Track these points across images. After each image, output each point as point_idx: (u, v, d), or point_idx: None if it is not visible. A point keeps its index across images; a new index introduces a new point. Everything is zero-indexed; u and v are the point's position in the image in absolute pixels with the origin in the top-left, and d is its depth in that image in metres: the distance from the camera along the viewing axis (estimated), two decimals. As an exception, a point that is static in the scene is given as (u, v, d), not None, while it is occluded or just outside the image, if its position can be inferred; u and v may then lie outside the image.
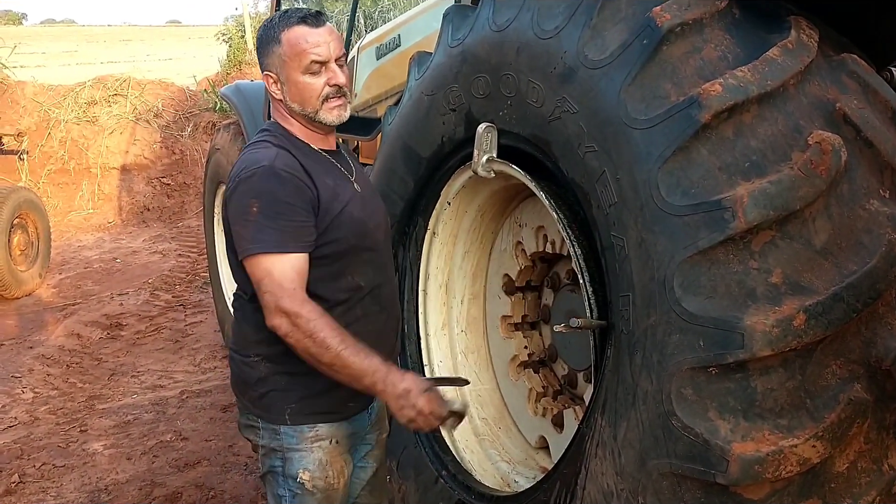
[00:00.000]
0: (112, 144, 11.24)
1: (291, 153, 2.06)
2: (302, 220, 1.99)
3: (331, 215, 2.04)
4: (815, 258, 1.71)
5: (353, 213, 2.08)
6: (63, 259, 8.96)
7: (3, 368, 5.65)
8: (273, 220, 1.96)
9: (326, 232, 2.03)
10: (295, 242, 1.98)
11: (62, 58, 20.60)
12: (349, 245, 2.07)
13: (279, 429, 2.14)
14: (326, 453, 2.15)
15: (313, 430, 2.13)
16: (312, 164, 2.07)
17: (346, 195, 2.09)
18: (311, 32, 2.05)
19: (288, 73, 2.07)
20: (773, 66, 1.78)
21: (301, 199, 1.99)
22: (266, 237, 1.96)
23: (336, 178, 2.11)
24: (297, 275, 1.97)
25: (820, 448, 1.68)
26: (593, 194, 1.97)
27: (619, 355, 1.91)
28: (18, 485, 4.04)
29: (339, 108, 2.10)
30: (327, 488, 2.16)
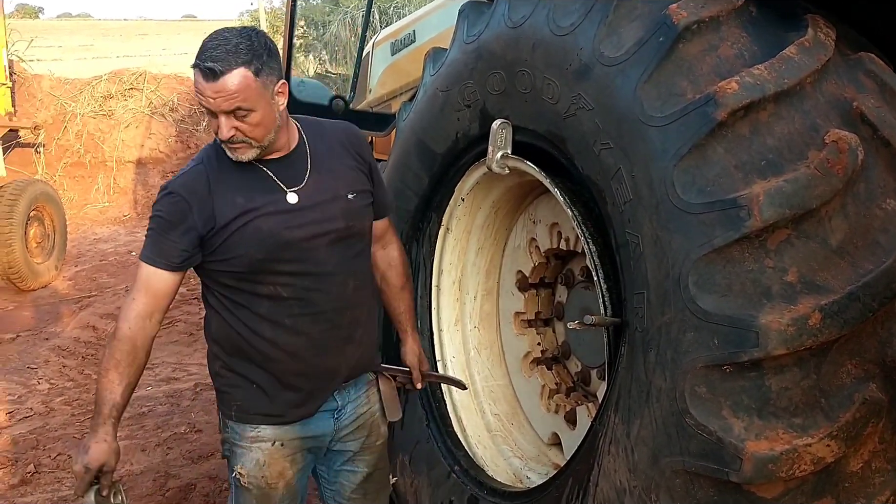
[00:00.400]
0: (128, 138, 11.31)
1: (207, 169, 2.12)
2: (174, 240, 2.08)
3: (229, 231, 2.07)
4: (830, 257, 1.71)
5: (261, 228, 2.08)
6: (79, 251, 9.02)
7: (19, 359, 5.70)
8: (154, 234, 2.11)
9: (228, 247, 2.09)
10: (160, 258, 2.10)
11: (78, 52, 20.70)
12: (255, 259, 2.09)
13: (228, 423, 2.25)
14: (265, 454, 2.21)
15: (255, 430, 2.21)
16: (228, 178, 2.10)
17: (259, 210, 2.09)
18: (205, 85, 1.99)
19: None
20: (790, 65, 1.77)
21: (181, 222, 2.08)
22: (145, 245, 2.13)
23: (253, 193, 2.10)
24: (148, 288, 2.11)
25: (834, 447, 1.68)
26: (608, 191, 1.97)
27: (633, 353, 1.91)
28: (34, 475, 4.07)
29: (235, 150, 2.07)
30: (263, 487, 2.23)
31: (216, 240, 2.08)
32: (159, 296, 2.12)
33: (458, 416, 2.79)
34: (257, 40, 2.00)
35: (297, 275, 2.13)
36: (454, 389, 2.82)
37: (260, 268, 2.10)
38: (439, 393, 2.81)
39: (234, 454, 2.24)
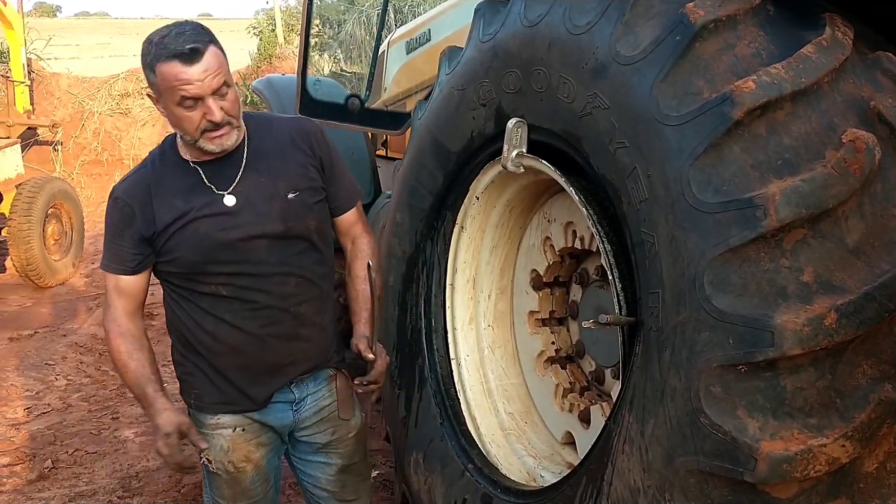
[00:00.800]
0: (144, 136, 11.38)
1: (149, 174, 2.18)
2: (125, 245, 2.17)
3: (168, 234, 2.15)
4: (847, 257, 1.70)
5: (198, 231, 2.13)
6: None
7: (37, 356, 5.76)
8: (109, 242, 2.22)
9: (167, 250, 2.17)
10: (116, 264, 2.20)
11: (96, 50, 20.81)
12: (192, 261, 2.16)
13: (190, 410, 2.33)
14: (228, 440, 2.29)
15: (214, 418, 2.29)
16: (172, 182, 2.16)
17: (195, 213, 2.13)
18: (184, 71, 1.96)
19: (165, 102, 2.04)
20: (808, 64, 1.76)
21: (127, 227, 2.16)
22: (105, 256, 2.23)
23: (191, 196, 2.14)
24: (119, 293, 2.20)
25: (849, 448, 1.67)
26: (624, 190, 1.97)
27: (647, 352, 1.91)
28: (51, 470, 4.11)
29: (219, 137, 2.08)
30: (232, 472, 2.33)
31: (158, 242, 2.16)
32: (132, 296, 2.22)
33: (472, 414, 2.79)
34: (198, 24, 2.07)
35: (235, 275, 2.18)
36: (468, 389, 2.82)
37: (198, 269, 2.17)
38: (453, 391, 2.81)
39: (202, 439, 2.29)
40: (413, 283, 2.87)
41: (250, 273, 2.18)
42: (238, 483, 2.32)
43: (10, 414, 4.84)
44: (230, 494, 2.35)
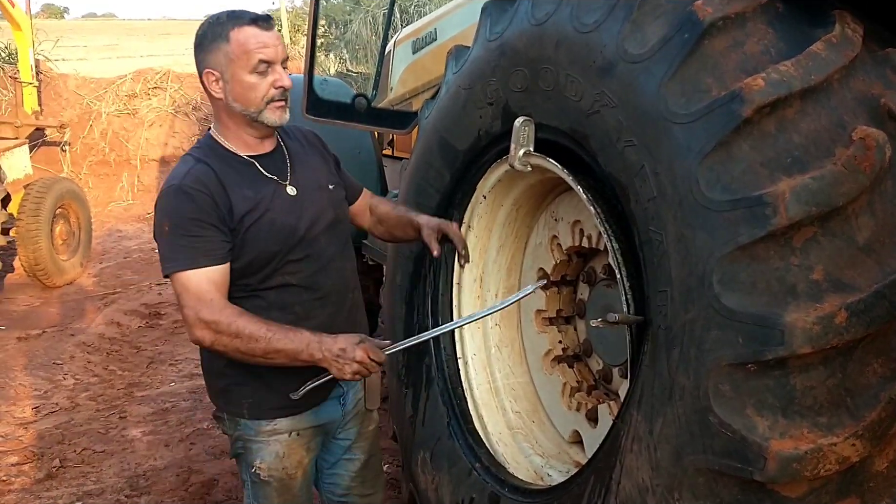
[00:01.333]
0: (151, 136, 11.41)
1: (210, 165, 2.11)
2: (211, 235, 2.05)
3: (245, 226, 2.10)
4: (857, 255, 1.69)
5: (274, 221, 2.13)
6: (103, 249, 9.12)
7: (45, 355, 5.77)
8: (183, 238, 2.04)
9: (245, 243, 2.10)
10: (205, 257, 2.05)
11: (103, 51, 20.85)
12: (271, 252, 2.13)
13: (239, 420, 2.26)
14: (284, 446, 2.26)
15: (271, 424, 2.24)
16: (233, 174, 2.12)
17: (267, 203, 2.13)
18: (261, 34, 2.07)
19: (234, 71, 2.07)
20: (817, 61, 1.75)
21: (209, 214, 2.05)
22: (178, 255, 2.05)
23: (258, 186, 2.15)
24: (213, 286, 2.05)
25: (859, 447, 1.66)
26: (632, 189, 1.96)
27: (655, 351, 1.90)
28: (59, 469, 4.13)
29: (281, 109, 2.14)
30: (284, 478, 2.28)
31: (235, 235, 2.10)
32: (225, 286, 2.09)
33: (479, 413, 2.79)
34: None
35: (304, 261, 2.19)
36: (475, 388, 2.82)
37: (275, 258, 2.14)
38: (460, 390, 2.81)
39: (250, 450, 2.27)
40: (420, 281, 2.86)
41: (317, 260, 2.21)
42: (288, 490, 2.31)
43: (19, 413, 4.86)
44: (279, 503, 2.32)
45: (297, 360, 2.05)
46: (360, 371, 2.05)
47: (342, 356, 2.03)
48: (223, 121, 2.18)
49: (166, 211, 2.08)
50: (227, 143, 2.18)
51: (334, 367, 2.05)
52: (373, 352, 2.05)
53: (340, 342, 2.04)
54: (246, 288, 2.15)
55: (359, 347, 2.04)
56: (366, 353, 2.04)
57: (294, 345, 2.03)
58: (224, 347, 2.04)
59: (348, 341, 2.05)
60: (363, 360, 2.04)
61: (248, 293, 2.15)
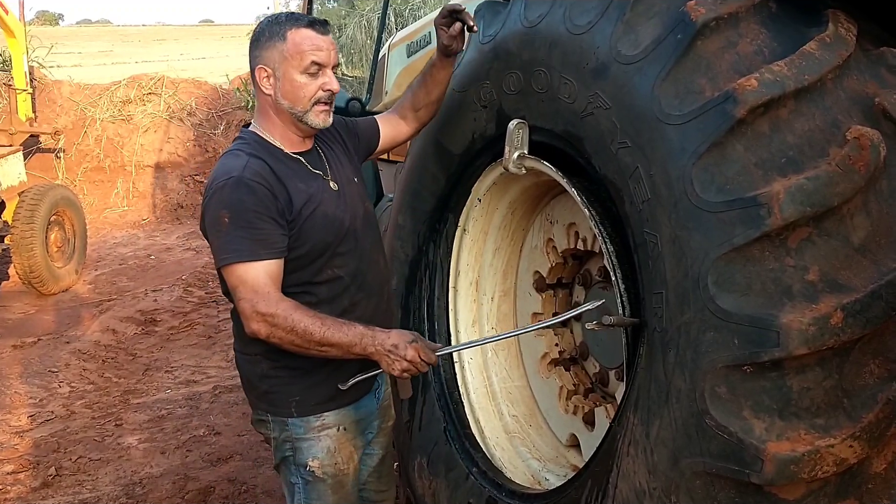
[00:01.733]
0: (146, 142, 11.39)
1: (264, 160, 2.13)
2: (271, 227, 2.07)
3: (303, 218, 2.13)
4: (853, 255, 1.68)
5: (326, 213, 2.18)
6: (99, 255, 9.10)
7: (40, 363, 5.75)
8: (243, 230, 2.05)
9: (301, 235, 2.13)
10: (265, 249, 2.06)
11: (98, 57, 20.87)
12: (325, 244, 2.17)
13: (287, 420, 2.25)
14: (334, 440, 2.26)
15: (320, 419, 2.24)
16: (284, 169, 2.16)
17: (318, 196, 2.18)
18: (317, 37, 2.14)
19: (286, 69, 2.14)
20: (810, 61, 1.75)
21: (269, 208, 2.07)
22: (238, 247, 2.05)
23: (308, 181, 2.19)
24: (271, 279, 2.06)
25: (857, 448, 1.66)
26: (626, 191, 1.95)
27: (651, 353, 1.89)
28: (55, 477, 4.11)
29: (325, 112, 2.19)
30: (337, 474, 2.29)
31: (292, 227, 2.12)
32: (280, 280, 2.09)
33: (476, 417, 2.78)
34: None
35: (351, 254, 2.24)
36: (472, 392, 2.81)
37: (328, 251, 2.18)
38: (457, 395, 2.80)
39: (300, 449, 2.26)
40: (416, 285, 2.86)
41: (360, 253, 2.26)
42: (342, 486, 2.32)
43: (14, 421, 4.84)
44: (334, 501, 2.31)
45: (349, 354, 2.08)
46: (409, 369, 2.08)
47: (394, 352, 2.06)
48: (269, 117, 2.22)
49: (227, 202, 2.07)
50: (272, 140, 2.22)
51: (384, 362, 2.08)
52: (424, 351, 2.08)
53: (394, 338, 2.08)
54: (297, 283, 2.16)
55: (411, 346, 2.07)
56: (417, 352, 2.07)
57: (348, 338, 2.06)
58: (279, 340, 2.05)
59: (402, 338, 2.09)
60: (414, 359, 2.07)
61: (299, 289, 2.15)
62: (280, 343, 2.06)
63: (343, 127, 2.45)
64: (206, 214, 2.12)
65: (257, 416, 2.32)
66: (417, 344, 2.08)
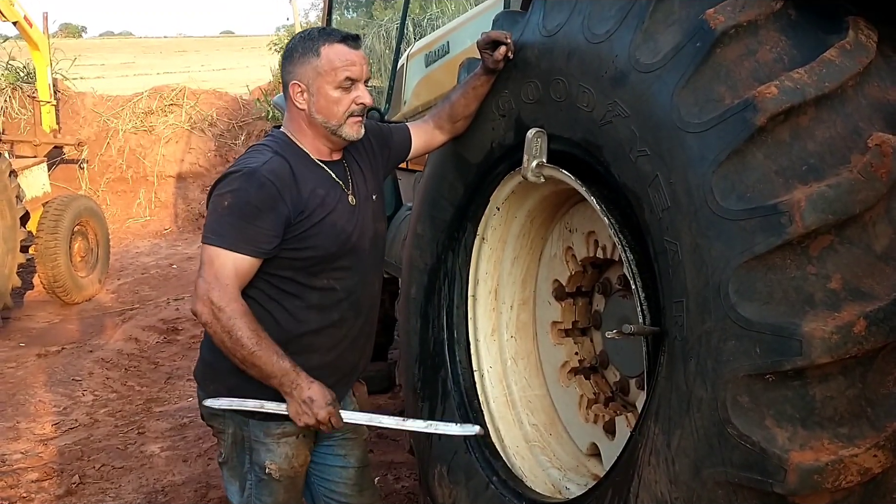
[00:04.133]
0: (168, 153, 11.50)
1: (287, 160, 2.19)
2: (263, 227, 2.10)
3: (312, 221, 2.17)
4: (875, 263, 1.67)
5: (336, 223, 2.22)
6: (121, 265, 9.18)
7: (64, 371, 5.81)
8: (235, 219, 2.09)
9: (305, 237, 2.17)
10: (247, 245, 2.10)
11: (120, 69, 21.11)
12: (327, 251, 2.20)
13: (248, 421, 2.28)
14: (293, 447, 2.31)
15: (280, 427, 2.26)
16: (306, 172, 2.21)
17: (332, 204, 2.22)
18: (350, 52, 2.19)
19: (320, 85, 2.19)
20: (831, 68, 1.74)
21: (271, 209, 2.10)
22: (224, 232, 2.10)
23: (327, 188, 2.24)
24: (237, 274, 2.09)
25: (881, 458, 1.64)
26: (646, 199, 1.95)
27: (672, 362, 1.88)
28: (79, 485, 4.14)
29: (358, 124, 2.25)
30: (292, 476, 2.35)
31: (296, 228, 2.15)
32: (246, 279, 2.14)
33: (496, 426, 2.78)
34: None
35: (350, 270, 2.27)
36: (492, 401, 2.81)
37: (327, 260, 2.21)
38: (476, 403, 2.80)
39: (257, 451, 2.30)
40: (435, 294, 2.86)
41: (360, 270, 2.30)
42: (295, 486, 2.39)
43: (38, 430, 4.89)
44: (285, 499, 2.38)
45: (265, 381, 2.13)
46: (314, 426, 2.16)
47: (308, 405, 2.12)
48: (301, 128, 2.26)
49: (233, 189, 2.12)
50: (302, 145, 2.26)
51: (294, 408, 2.14)
52: (335, 417, 2.15)
53: (314, 391, 2.13)
54: (293, 284, 2.20)
55: (326, 408, 2.13)
56: (329, 416, 2.14)
57: (271, 368, 2.10)
58: (213, 333, 2.10)
59: (321, 395, 2.13)
60: (323, 420, 2.14)
61: (293, 289, 2.20)
62: (212, 336, 2.11)
63: (377, 134, 2.48)
64: (212, 193, 2.18)
65: (212, 410, 2.29)
66: (332, 408, 2.14)
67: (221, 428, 2.35)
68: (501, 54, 2.35)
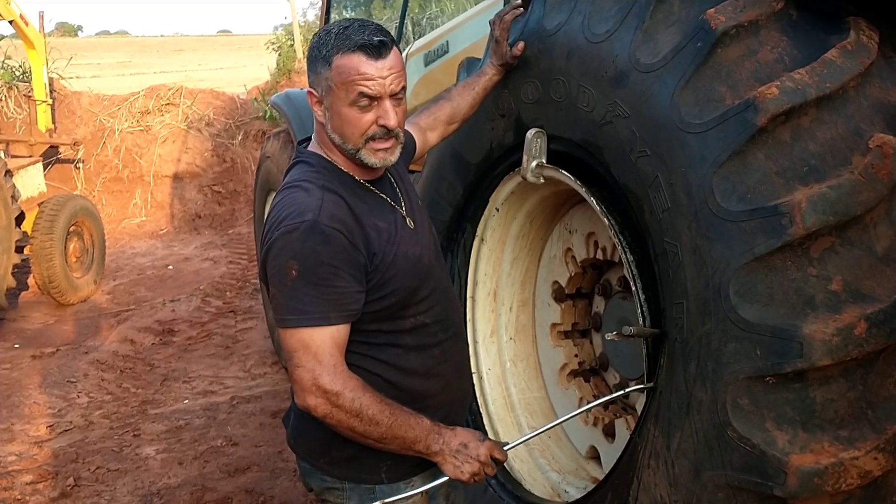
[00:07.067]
0: (164, 153, 11.46)
1: (339, 194, 1.83)
2: (346, 285, 1.77)
3: (385, 264, 1.84)
4: (876, 265, 1.67)
5: (407, 255, 1.89)
6: (117, 266, 9.14)
7: (59, 373, 5.78)
8: (314, 287, 1.75)
9: (384, 283, 1.84)
10: (337, 312, 1.77)
11: (116, 68, 21.07)
12: (410, 290, 1.89)
13: (374, 488, 1.94)
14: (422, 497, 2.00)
15: (408, 484, 1.95)
16: (361, 204, 1.85)
17: (397, 235, 1.89)
18: (366, 63, 1.76)
19: (332, 101, 1.82)
20: (832, 69, 1.74)
21: (347, 262, 1.77)
22: (305, 307, 1.75)
23: (386, 216, 1.90)
24: (337, 348, 1.78)
25: (882, 460, 1.64)
26: (646, 200, 1.94)
27: (672, 364, 1.88)
28: (74, 488, 4.12)
29: (385, 151, 1.84)
30: None
31: (374, 276, 1.83)
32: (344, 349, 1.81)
33: (495, 429, 2.77)
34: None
35: (432, 296, 1.96)
36: (491, 403, 2.80)
37: (411, 296, 1.90)
38: (475, 406, 2.79)
39: None
40: (433, 296, 2.84)
41: (442, 293, 1.99)
42: None
43: (33, 431, 4.86)
44: None
45: (408, 451, 1.83)
46: (479, 473, 1.83)
47: (463, 452, 1.82)
48: (329, 145, 1.90)
49: (297, 251, 1.74)
50: (341, 165, 1.89)
51: (451, 464, 1.82)
52: (496, 450, 1.85)
53: (461, 436, 1.84)
54: (381, 335, 1.88)
55: (484, 445, 1.83)
56: (490, 451, 1.83)
57: (414, 433, 1.80)
58: (336, 422, 1.78)
59: (471, 436, 1.84)
60: (486, 461, 1.83)
61: (383, 341, 1.89)
62: (336, 426, 1.79)
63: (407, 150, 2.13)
64: (269, 261, 1.80)
65: (326, 484, 1.98)
66: (489, 443, 1.84)
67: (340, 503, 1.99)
68: (520, 49, 2.28)
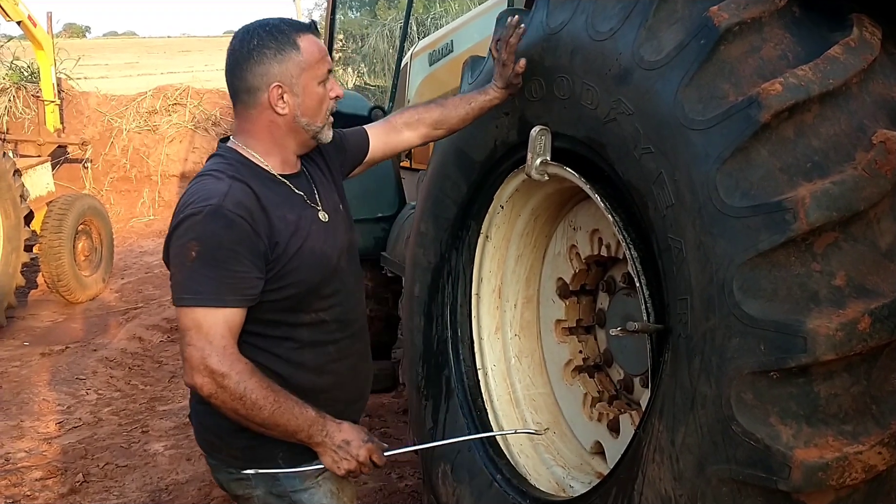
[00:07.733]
0: (172, 152, 11.51)
1: (248, 184, 1.86)
2: (245, 270, 1.80)
3: (288, 255, 1.87)
4: (880, 260, 1.67)
5: (314, 249, 1.92)
6: (125, 264, 9.19)
7: (68, 370, 5.81)
8: (211, 269, 1.78)
9: (284, 274, 1.87)
10: (233, 295, 1.79)
11: (124, 69, 21.13)
12: (311, 284, 1.92)
13: (278, 476, 1.98)
14: (334, 482, 2.03)
15: (314, 463, 1.96)
16: (272, 195, 1.88)
17: (306, 228, 1.92)
18: (318, 42, 1.93)
19: (306, 82, 1.88)
20: (835, 65, 1.74)
21: (248, 247, 1.80)
22: (201, 287, 1.78)
23: (296, 209, 1.93)
24: (229, 330, 1.80)
25: (886, 455, 1.64)
26: (650, 196, 1.95)
27: (676, 359, 1.88)
28: (83, 484, 4.15)
29: (331, 124, 2.00)
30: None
31: (274, 266, 1.86)
32: (237, 333, 1.84)
33: (500, 424, 2.78)
34: None
35: (336, 295, 2.00)
36: (495, 399, 2.81)
37: (312, 292, 1.94)
38: (480, 401, 2.80)
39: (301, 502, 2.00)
40: (438, 293, 2.86)
41: (345, 293, 2.02)
42: None
43: (42, 428, 4.89)
44: None
45: (290, 438, 1.87)
46: (356, 472, 1.90)
47: (344, 448, 1.88)
48: (264, 138, 1.93)
49: (198, 233, 1.79)
50: (260, 160, 1.93)
51: (329, 457, 1.89)
52: (377, 453, 1.91)
53: (346, 432, 1.90)
54: (279, 327, 1.92)
55: (366, 446, 1.89)
56: (370, 453, 1.90)
57: (297, 422, 1.84)
58: (220, 403, 1.80)
59: (355, 434, 1.90)
60: (365, 461, 1.89)
61: (279, 333, 1.92)
62: (220, 406, 1.81)
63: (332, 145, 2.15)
64: (171, 242, 1.84)
65: (232, 476, 2.02)
66: (371, 444, 1.90)
67: (248, 493, 2.03)
68: (522, 66, 2.26)
